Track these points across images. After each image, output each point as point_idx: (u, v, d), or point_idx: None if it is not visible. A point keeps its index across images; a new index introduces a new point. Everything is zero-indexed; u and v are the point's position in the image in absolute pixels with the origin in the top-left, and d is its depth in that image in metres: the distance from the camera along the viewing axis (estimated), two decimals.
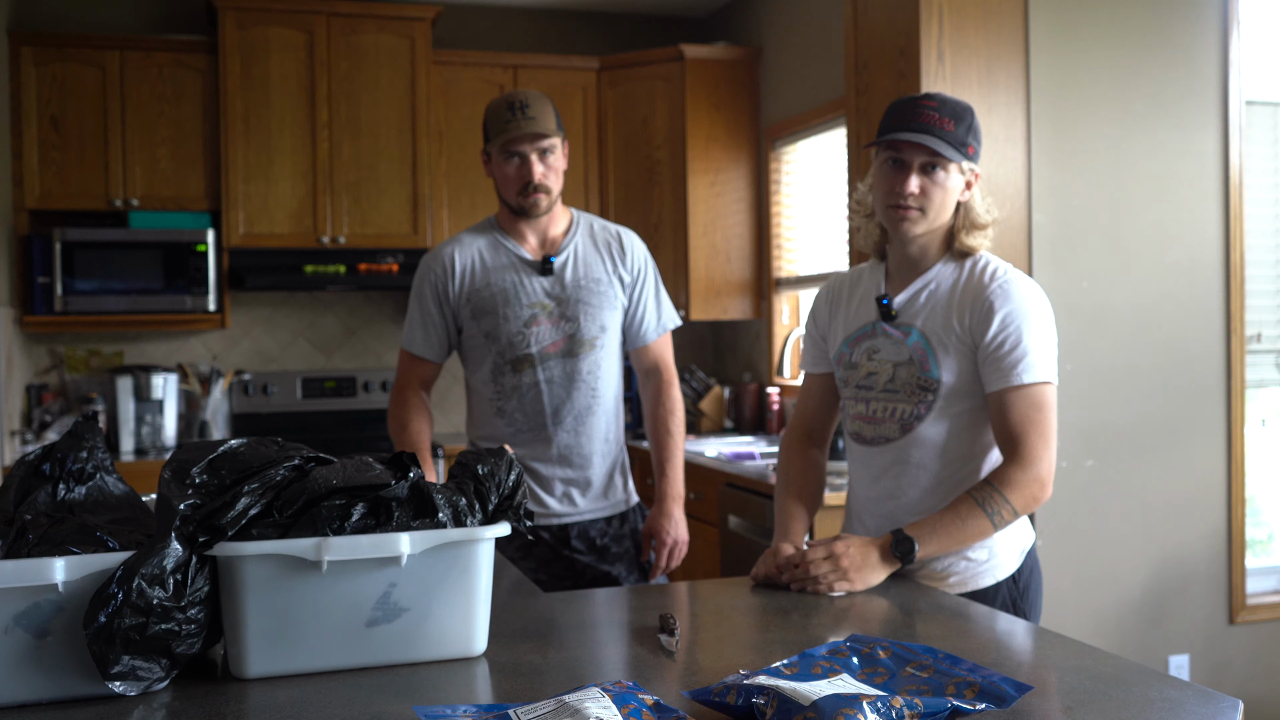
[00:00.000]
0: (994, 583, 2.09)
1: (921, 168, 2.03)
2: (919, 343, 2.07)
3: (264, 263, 4.86)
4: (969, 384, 2.05)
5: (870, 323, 2.15)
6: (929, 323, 2.07)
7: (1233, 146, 3.70)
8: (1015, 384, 1.98)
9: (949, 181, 2.04)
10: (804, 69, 4.89)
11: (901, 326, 2.10)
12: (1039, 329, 2.02)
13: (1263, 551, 4.09)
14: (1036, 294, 2.06)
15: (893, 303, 2.11)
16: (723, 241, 5.24)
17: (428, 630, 1.49)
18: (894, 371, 2.08)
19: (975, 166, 2.08)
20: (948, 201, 2.06)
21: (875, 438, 2.12)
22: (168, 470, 1.44)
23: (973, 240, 2.09)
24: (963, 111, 2.04)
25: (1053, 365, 2.03)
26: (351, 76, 4.95)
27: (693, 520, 4.10)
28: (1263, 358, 3.95)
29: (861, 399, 2.14)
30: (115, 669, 1.34)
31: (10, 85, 4.65)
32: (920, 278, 2.11)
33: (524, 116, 2.55)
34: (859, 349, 2.15)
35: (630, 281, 2.72)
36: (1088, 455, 3.56)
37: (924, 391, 2.05)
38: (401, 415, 2.69)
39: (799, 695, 1.19)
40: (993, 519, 1.97)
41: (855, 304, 2.20)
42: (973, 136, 2.05)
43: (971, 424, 2.07)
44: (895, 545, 1.95)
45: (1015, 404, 1.98)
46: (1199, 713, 1.29)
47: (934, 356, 2.05)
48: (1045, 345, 2.02)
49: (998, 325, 2.00)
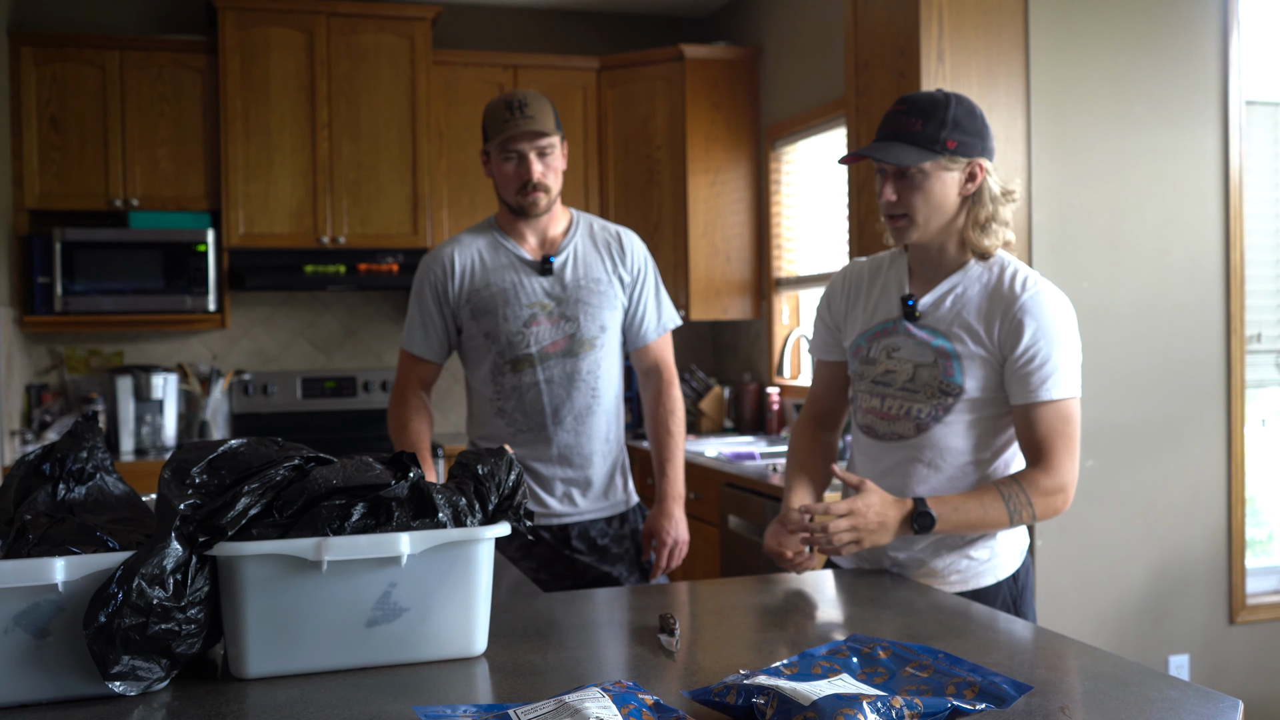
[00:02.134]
0: (995, 582, 2.09)
1: (897, 174, 2.00)
2: (944, 347, 2.04)
3: (264, 263, 4.86)
4: (991, 392, 2.03)
5: (892, 319, 2.11)
6: (956, 329, 2.04)
7: (1233, 146, 3.70)
8: (1044, 399, 1.98)
9: (928, 183, 1.98)
10: (804, 69, 4.88)
11: (926, 329, 2.06)
12: (1067, 344, 2.00)
13: (1263, 551, 4.09)
14: (1065, 307, 2.03)
15: (918, 303, 2.08)
16: (723, 241, 5.24)
17: (428, 630, 1.49)
18: (915, 372, 2.06)
19: (972, 158, 1.99)
20: (934, 203, 2.00)
21: (888, 434, 2.10)
22: (168, 470, 1.44)
23: (984, 239, 2.04)
24: (933, 107, 1.98)
25: (1078, 379, 2.02)
26: (351, 76, 4.95)
27: (693, 520, 4.10)
28: (1263, 358, 3.95)
29: (877, 394, 2.11)
30: (115, 669, 1.34)
31: (10, 85, 4.65)
32: (946, 280, 2.07)
33: (522, 115, 2.55)
34: (878, 345, 2.12)
35: (630, 281, 2.72)
36: (1088, 455, 3.56)
37: (944, 395, 2.03)
38: (401, 415, 2.69)
39: (799, 695, 1.19)
40: (1012, 516, 1.97)
41: (875, 297, 2.16)
42: (951, 130, 1.97)
43: (988, 431, 2.06)
44: (916, 517, 1.94)
45: (1043, 418, 1.98)
46: (1199, 713, 1.29)
47: (959, 363, 2.02)
48: (1072, 360, 2.01)
49: (1028, 340, 1.98)
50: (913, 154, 1.96)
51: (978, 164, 2.01)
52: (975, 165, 2.01)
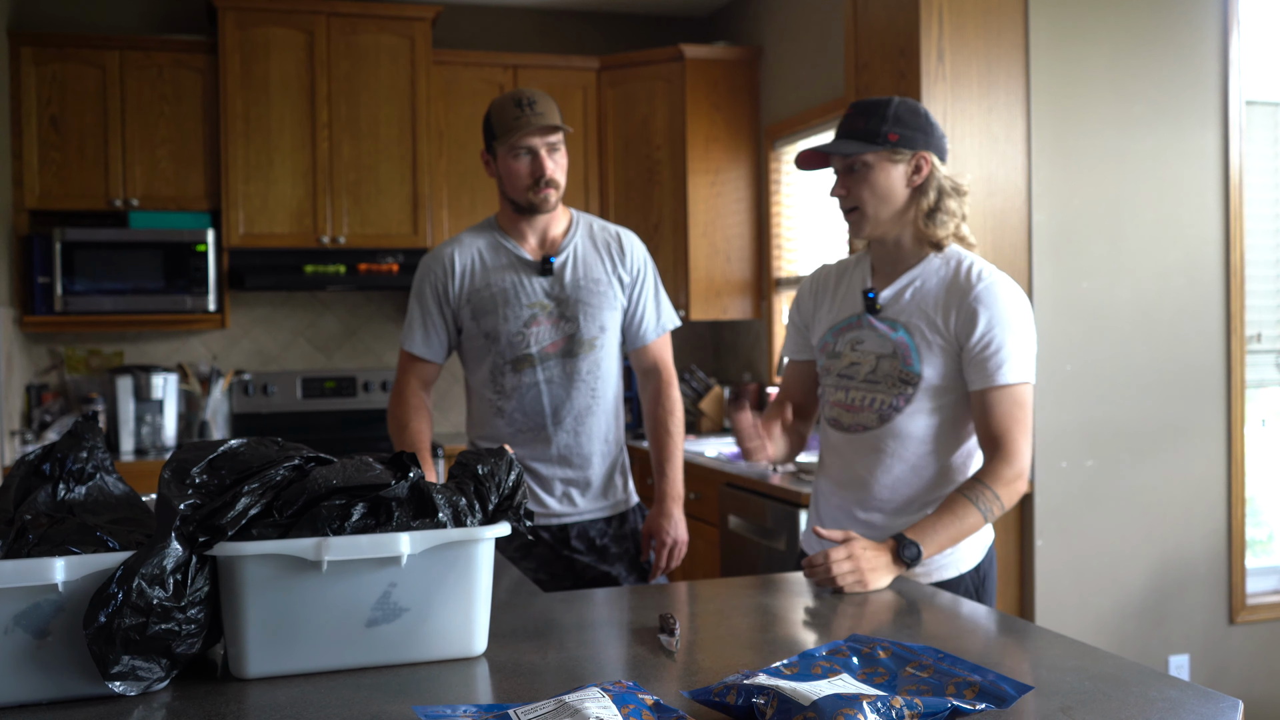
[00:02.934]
0: (958, 574, 2.18)
1: (846, 169, 2.15)
2: (903, 338, 2.15)
3: (264, 263, 4.86)
4: (949, 380, 2.13)
5: (856, 314, 2.22)
6: (914, 320, 2.15)
7: (1233, 146, 3.70)
8: (999, 384, 2.08)
9: (872, 175, 2.12)
10: (804, 69, 4.89)
11: (887, 320, 2.18)
12: (1020, 331, 2.11)
13: (1263, 551, 4.09)
14: (1018, 296, 2.13)
15: (879, 296, 2.19)
16: (723, 241, 5.24)
17: (428, 630, 1.49)
18: (877, 363, 2.17)
19: (917, 150, 2.11)
20: (881, 195, 2.13)
21: (853, 425, 2.20)
22: (168, 470, 1.44)
23: (933, 228, 2.14)
24: (876, 105, 2.12)
25: (1032, 366, 2.12)
26: (351, 76, 4.95)
27: (693, 520, 4.10)
28: (1263, 358, 3.95)
29: (842, 387, 2.22)
30: (115, 669, 1.34)
31: (10, 85, 4.65)
32: (905, 274, 2.19)
33: (533, 112, 2.55)
34: (843, 339, 2.23)
35: (630, 282, 2.72)
36: (1088, 455, 3.56)
37: (904, 385, 2.14)
38: (401, 415, 2.69)
39: (799, 695, 1.19)
40: (986, 515, 2.05)
41: (841, 295, 2.27)
42: (892, 124, 2.09)
43: (948, 420, 2.15)
44: (902, 550, 1.97)
45: (998, 402, 2.08)
46: (1199, 713, 1.29)
47: (917, 353, 2.13)
48: (1025, 347, 2.11)
49: (983, 328, 2.08)
50: (855, 146, 2.10)
51: (923, 156, 2.12)
52: (920, 158, 2.12)
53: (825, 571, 1.94)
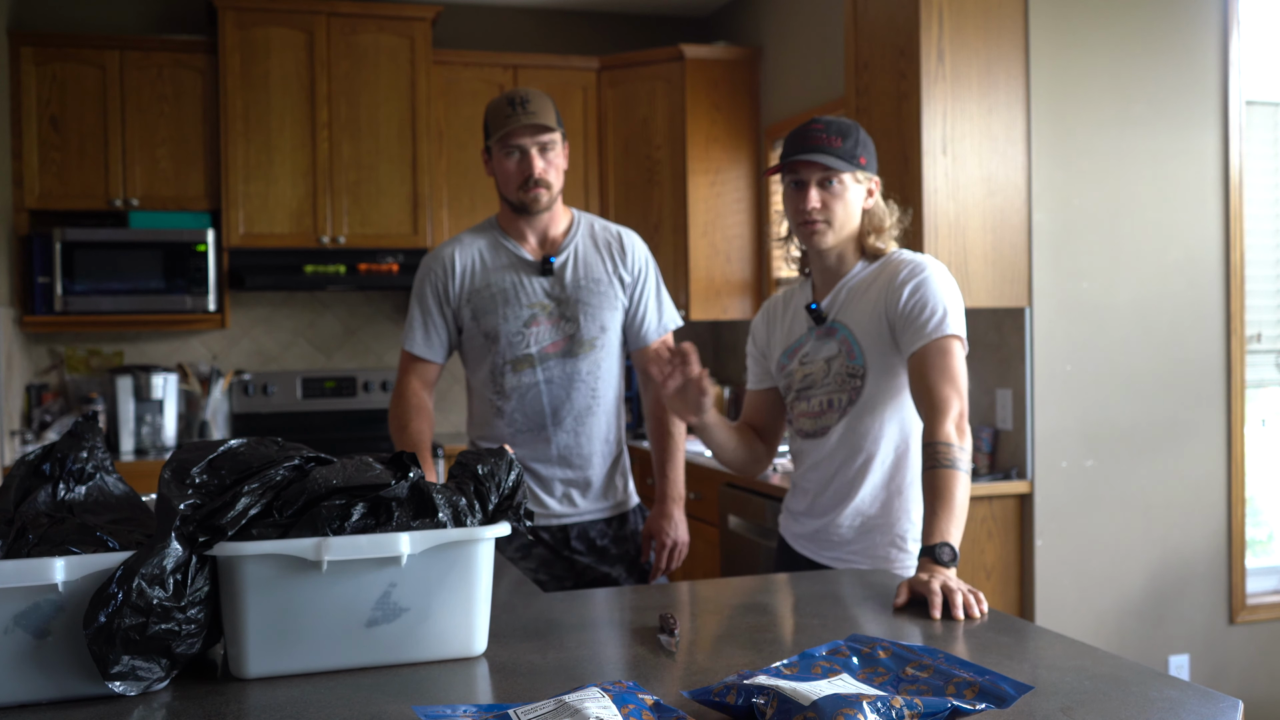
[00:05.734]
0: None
1: (819, 183, 2.23)
2: (844, 335, 2.27)
3: (264, 263, 4.86)
4: (893, 365, 2.23)
5: (803, 333, 2.35)
6: (850, 313, 2.27)
7: (1233, 146, 3.70)
8: (930, 339, 2.15)
9: (847, 193, 2.25)
10: (804, 69, 4.88)
11: (829, 325, 2.30)
12: (945, 292, 2.20)
13: (1263, 551, 4.09)
14: (940, 266, 2.26)
15: (821, 307, 2.31)
16: (723, 241, 5.24)
17: (428, 630, 1.49)
18: (828, 366, 2.28)
19: (872, 175, 2.28)
20: (850, 211, 2.26)
21: (817, 429, 2.30)
22: (168, 470, 1.44)
23: (880, 242, 2.30)
24: (848, 128, 2.25)
25: (962, 323, 2.20)
26: (351, 76, 4.95)
27: (693, 520, 4.10)
28: (1263, 358, 3.95)
29: (804, 397, 2.32)
30: (115, 669, 1.34)
31: (10, 85, 4.65)
32: (841, 280, 2.32)
33: (524, 111, 2.55)
34: (795, 358, 2.35)
35: (631, 282, 2.72)
36: (1088, 455, 3.56)
37: (853, 379, 2.25)
38: (402, 415, 2.69)
39: (799, 695, 1.19)
40: (959, 467, 2.05)
41: (789, 319, 2.40)
42: (861, 149, 2.25)
43: (899, 406, 2.25)
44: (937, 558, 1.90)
45: (930, 356, 2.15)
46: (1199, 713, 1.29)
47: (857, 344, 2.25)
48: (953, 305, 2.20)
49: (908, 293, 2.19)
50: (841, 164, 2.21)
51: (875, 181, 2.30)
52: (874, 182, 2.30)
53: (954, 604, 1.78)
